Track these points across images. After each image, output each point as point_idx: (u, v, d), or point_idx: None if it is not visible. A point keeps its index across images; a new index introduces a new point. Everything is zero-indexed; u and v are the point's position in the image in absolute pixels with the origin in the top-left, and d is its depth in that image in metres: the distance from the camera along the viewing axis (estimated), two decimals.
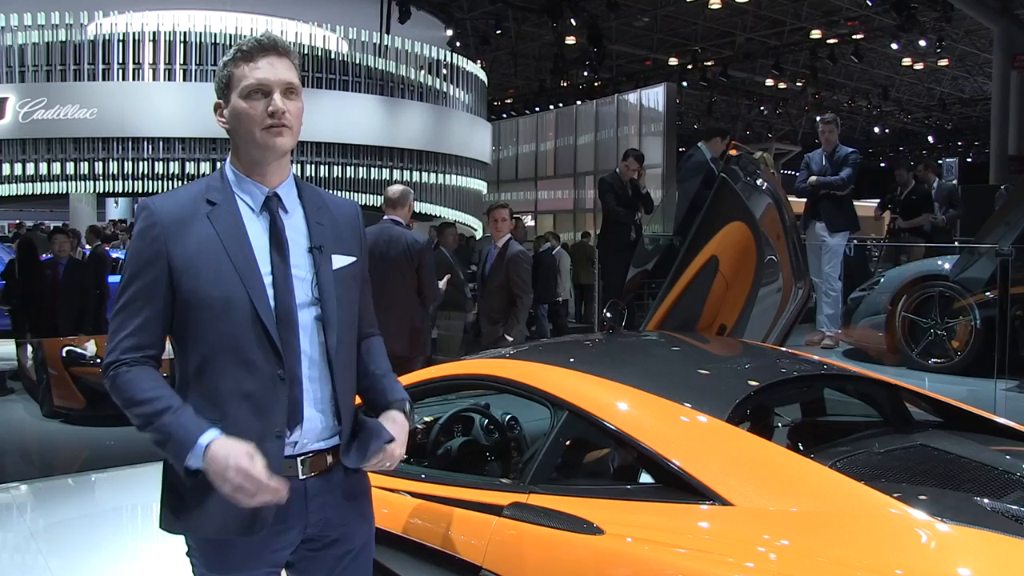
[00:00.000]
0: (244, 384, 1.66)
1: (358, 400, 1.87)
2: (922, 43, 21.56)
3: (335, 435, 1.78)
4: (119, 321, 1.68)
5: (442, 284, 5.47)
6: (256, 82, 1.69)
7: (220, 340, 1.66)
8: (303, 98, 1.77)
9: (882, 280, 6.68)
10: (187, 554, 1.78)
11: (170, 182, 15.75)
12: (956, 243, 7.89)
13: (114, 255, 11.85)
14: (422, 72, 18.63)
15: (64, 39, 15.76)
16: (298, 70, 1.77)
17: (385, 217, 5.13)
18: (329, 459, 1.77)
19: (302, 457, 1.73)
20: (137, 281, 1.67)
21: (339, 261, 1.79)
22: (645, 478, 2.17)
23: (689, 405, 2.19)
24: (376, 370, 1.91)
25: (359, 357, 1.90)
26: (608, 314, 3.76)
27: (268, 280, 1.70)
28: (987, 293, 5.70)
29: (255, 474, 1.55)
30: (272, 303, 1.69)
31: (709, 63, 24.31)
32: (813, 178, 6.82)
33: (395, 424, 1.82)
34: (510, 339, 5.39)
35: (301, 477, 1.73)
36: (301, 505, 1.73)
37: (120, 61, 15.77)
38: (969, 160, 35.80)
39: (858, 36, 21.25)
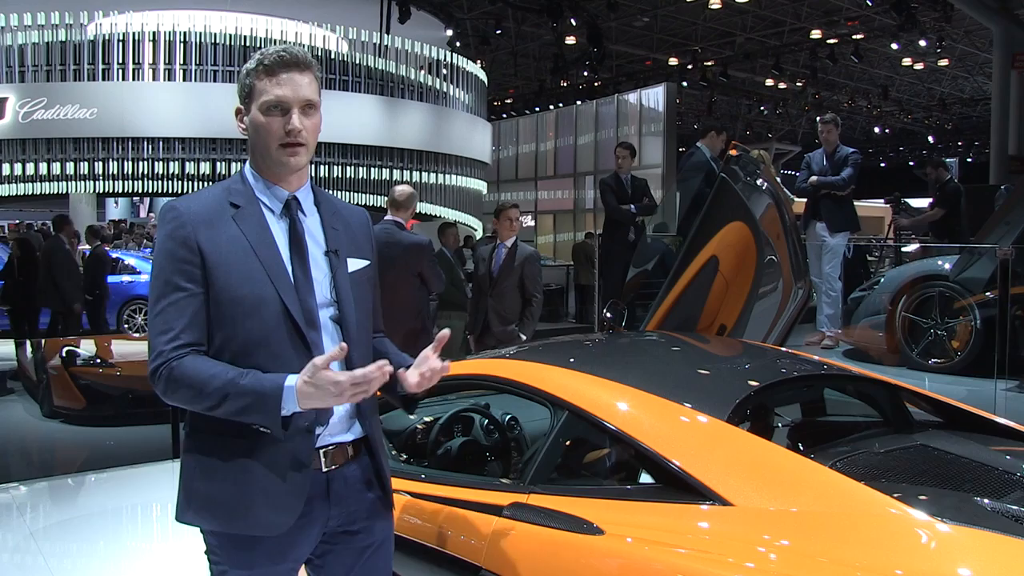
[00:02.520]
0: None
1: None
2: (922, 43, 21.54)
3: (354, 427, 1.82)
4: (162, 323, 1.68)
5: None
6: (275, 98, 1.73)
7: (251, 336, 1.70)
8: (322, 109, 1.81)
9: (882, 280, 6.68)
10: (205, 552, 1.79)
11: (170, 182, 15.73)
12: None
13: (114, 255, 11.85)
14: (422, 72, 18.61)
15: (64, 39, 15.72)
16: (319, 81, 1.81)
17: (387, 217, 5.13)
18: (350, 451, 1.81)
19: (324, 449, 1.77)
20: (174, 281, 1.69)
21: (354, 264, 1.86)
22: (645, 478, 2.17)
23: (689, 405, 2.19)
24: (387, 350, 1.98)
25: (372, 348, 1.95)
26: (608, 314, 3.76)
27: (291, 281, 1.74)
28: (987, 293, 5.69)
29: (356, 372, 1.59)
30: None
31: (709, 63, 24.29)
32: (814, 178, 6.82)
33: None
34: (524, 338, 5.42)
35: (324, 469, 1.76)
36: (323, 498, 1.76)
37: (120, 61, 15.73)
38: (969, 160, 35.80)
39: (858, 36, 21.24)
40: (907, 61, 24.67)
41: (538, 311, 5.63)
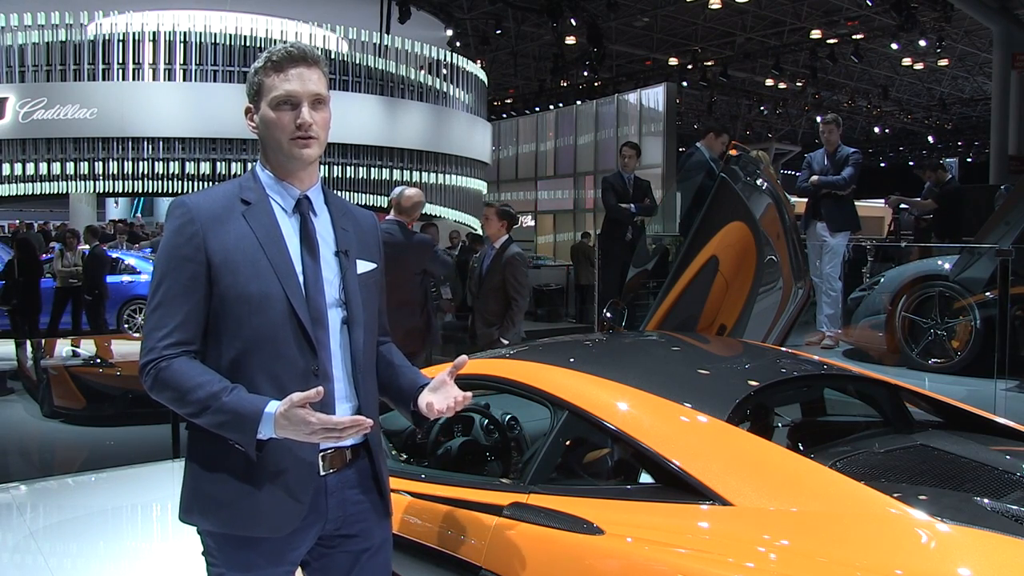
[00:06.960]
0: (279, 378, 1.69)
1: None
2: (922, 43, 21.55)
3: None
4: (157, 319, 1.68)
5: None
6: (285, 94, 1.73)
7: (256, 335, 1.69)
8: (331, 105, 1.81)
9: (882, 280, 6.68)
10: (203, 553, 1.78)
11: (170, 182, 15.74)
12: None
13: (113, 255, 11.86)
14: (422, 72, 18.62)
15: (64, 39, 15.73)
16: (327, 77, 1.81)
17: (388, 217, 5.12)
18: (348, 455, 1.81)
19: (323, 453, 1.76)
20: (175, 277, 1.69)
21: (363, 266, 1.85)
22: (645, 478, 2.17)
23: (689, 405, 2.19)
24: (398, 361, 1.99)
25: (379, 355, 1.95)
26: (608, 314, 3.75)
27: (300, 279, 1.74)
28: (987, 293, 5.69)
29: (331, 418, 1.61)
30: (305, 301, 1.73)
31: (709, 63, 24.30)
32: (815, 178, 6.82)
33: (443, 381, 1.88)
34: (505, 342, 5.29)
35: (322, 473, 1.75)
36: (321, 501, 1.75)
37: (120, 61, 15.74)
38: (969, 160, 35.80)
39: (858, 36, 21.25)
40: (907, 61, 24.68)
41: (519, 314, 5.36)
